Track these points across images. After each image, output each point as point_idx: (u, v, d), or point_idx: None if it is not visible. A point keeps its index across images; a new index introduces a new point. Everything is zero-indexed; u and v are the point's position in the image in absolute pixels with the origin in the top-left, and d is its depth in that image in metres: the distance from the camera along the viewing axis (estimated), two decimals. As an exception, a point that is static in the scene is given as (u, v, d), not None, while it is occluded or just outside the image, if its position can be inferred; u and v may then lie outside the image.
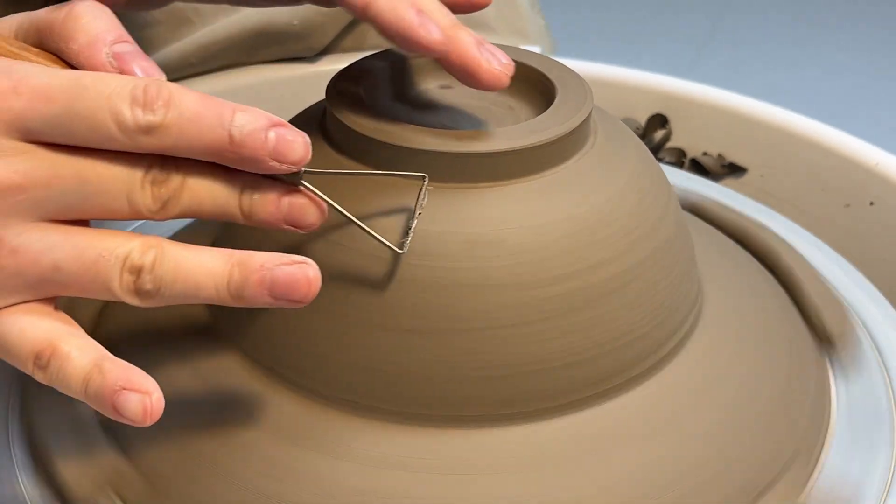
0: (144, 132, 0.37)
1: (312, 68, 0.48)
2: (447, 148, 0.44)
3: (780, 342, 0.52)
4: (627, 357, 0.46)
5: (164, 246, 0.38)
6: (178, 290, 0.38)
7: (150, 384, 0.38)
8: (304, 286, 0.38)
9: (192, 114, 0.37)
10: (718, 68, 2.25)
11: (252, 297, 0.38)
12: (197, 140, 0.38)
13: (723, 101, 0.76)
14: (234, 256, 0.38)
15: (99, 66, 0.40)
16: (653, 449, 0.45)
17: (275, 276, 0.38)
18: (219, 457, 0.45)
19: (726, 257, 0.58)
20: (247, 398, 0.46)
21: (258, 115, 0.38)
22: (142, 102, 0.37)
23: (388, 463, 0.44)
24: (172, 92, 0.38)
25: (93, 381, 0.38)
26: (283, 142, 0.38)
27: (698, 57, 2.33)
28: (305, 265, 0.38)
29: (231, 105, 0.38)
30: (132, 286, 0.38)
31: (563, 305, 0.44)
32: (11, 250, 0.38)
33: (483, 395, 0.44)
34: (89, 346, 0.39)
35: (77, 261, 0.38)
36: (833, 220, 0.70)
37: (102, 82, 0.38)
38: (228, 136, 0.37)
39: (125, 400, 0.38)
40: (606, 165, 0.48)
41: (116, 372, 0.38)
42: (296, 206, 0.40)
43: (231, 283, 0.38)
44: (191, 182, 0.39)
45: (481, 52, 0.44)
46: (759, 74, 2.23)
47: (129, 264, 0.38)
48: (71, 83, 0.38)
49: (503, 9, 0.84)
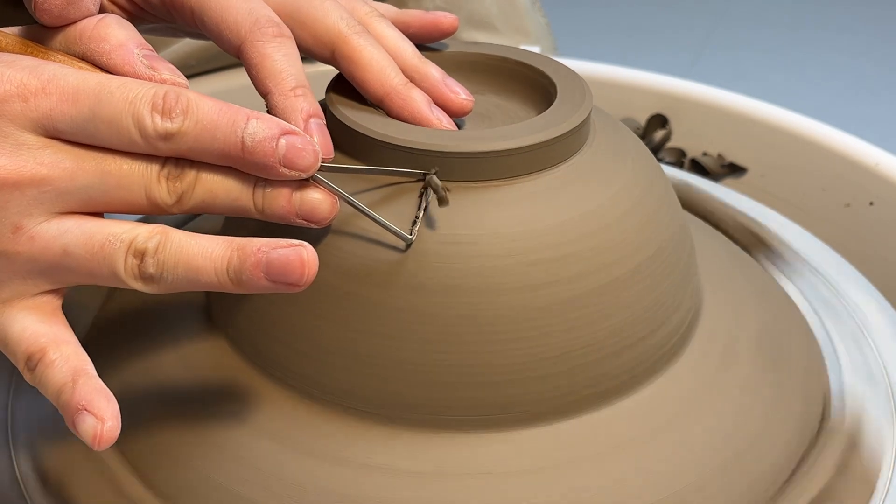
0: (163, 139, 0.39)
1: (312, 68, 0.48)
2: (447, 147, 0.44)
3: (780, 342, 0.52)
4: (627, 359, 0.46)
5: (169, 232, 0.40)
6: (181, 274, 0.40)
7: (109, 412, 0.39)
8: (299, 267, 0.39)
9: (208, 122, 0.39)
10: (718, 68, 2.25)
11: (249, 280, 0.39)
12: (210, 146, 0.40)
13: (723, 101, 0.76)
14: (235, 242, 0.40)
15: (131, 62, 0.42)
16: (652, 451, 0.45)
17: (270, 258, 0.39)
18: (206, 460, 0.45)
19: (726, 257, 0.58)
20: (240, 399, 0.46)
21: (271, 123, 0.40)
22: (161, 109, 0.39)
23: (382, 466, 0.44)
24: (191, 100, 0.40)
25: (64, 394, 0.40)
26: (292, 150, 0.40)
27: (698, 57, 2.33)
28: (301, 247, 0.39)
29: (246, 113, 0.40)
30: (136, 270, 0.40)
31: (562, 308, 0.44)
32: (30, 237, 0.40)
33: (483, 399, 0.44)
34: (74, 358, 0.41)
35: (85, 245, 0.40)
36: (833, 220, 0.70)
37: (127, 88, 0.40)
38: (241, 143, 0.39)
39: (81, 420, 0.39)
40: (606, 165, 0.48)
41: (84, 391, 0.40)
42: (307, 199, 0.41)
43: (230, 267, 0.39)
44: (205, 177, 0.41)
45: (432, 110, 0.47)
46: (758, 74, 2.23)
47: (133, 248, 0.39)
48: (98, 87, 0.39)
49: (504, 7, 0.84)
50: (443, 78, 0.48)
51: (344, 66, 0.47)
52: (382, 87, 0.47)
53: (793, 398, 0.50)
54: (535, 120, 0.47)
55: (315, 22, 0.47)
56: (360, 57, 0.47)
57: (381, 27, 0.50)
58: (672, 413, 0.46)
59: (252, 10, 0.45)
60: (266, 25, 0.44)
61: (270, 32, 0.44)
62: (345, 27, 0.47)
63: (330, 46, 0.47)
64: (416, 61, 0.49)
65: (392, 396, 0.44)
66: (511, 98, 0.50)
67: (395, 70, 0.47)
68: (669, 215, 0.49)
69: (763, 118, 0.74)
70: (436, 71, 0.49)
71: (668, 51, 2.33)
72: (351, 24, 0.47)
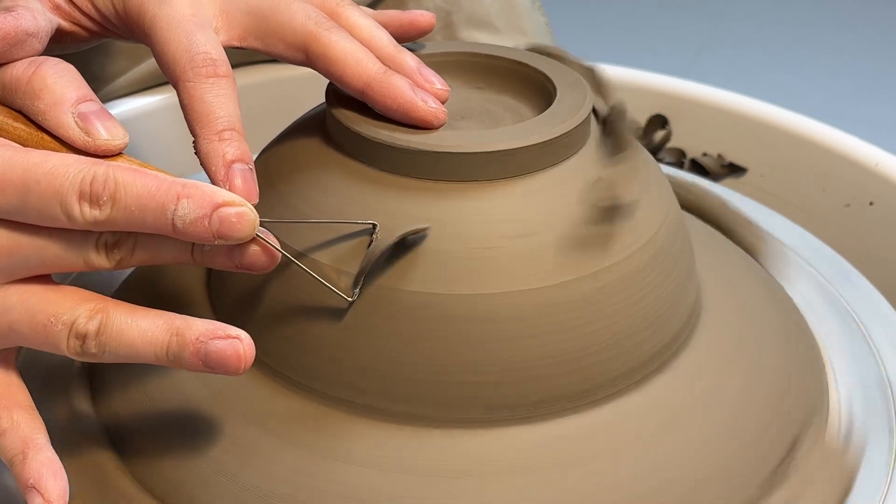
0: (93, 225, 0.39)
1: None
2: (446, 147, 0.44)
3: (780, 342, 0.52)
4: (627, 359, 0.46)
5: (109, 312, 0.40)
6: (122, 354, 0.40)
7: (56, 492, 0.40)
8: (235, 361, 0.39)
9: (137, 207, 0.39)
10: (718, 68, 2.25)
11: (189, 365, 0.40)
12: (142, 227, 0.39)
13: (723, 101, 0.76)
14: (174, 325, 0.40)
15: (65, 126, 0.41)
16: (651, 452, 0.45)
17: (207, 350, 0.39)
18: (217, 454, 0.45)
19: (726, 257, 0.58)
20: (247, 396, 0.46)
21: (202, 201, 0.39)
22: (89, 197, 0.39)
23: (385, 464, 0.44)
24: (118, 183, 0.39)
25: (14, 466, 0.41)
26: (226, 224, 0.39)
27: (698, 57, 2.33)
28: (237, 341, 0.40)
29: (177, 191, 0.39)
30: (79, 349, 0.40)
31: (561, 308, 0.44)
32: None
33: (481, 398, 0.44)
34: (25, 426, 0.42)
35: (29, 324, 0.40)
36: (833, 220, 0.70)
37: (53, 176, 0.39)
38: (171, 225, 0.39)
39: (31, 499, 0.40)
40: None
41: (33, 467, 0.41)
42: (247, 254, 0.41)
43: (169, 352, 0.40)
44: (143, 242, 0.41)
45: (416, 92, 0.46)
46: (758, 75, 2.23)
47: (74, 331, 0.40)
48: (25, 175, 0.39)
49: (504, 6, 0.84)
50: (418, 67, 0.47)
51: (320, 66, 0.46)
52: (361, 79, 0.45)
53: (792, 398, 0.50)
54: (535, 120, 0.47)
55: (282, 27, 0.46)
56: (334, 52, 0.46)
57: (353, 16, 0.49)
58: (672, 413, 0.46)
59: (190, 46, 0.44)
60: (201, 64, 0.43)
61: (204, 72, 0.43)
62: (313, 26, 0.46)
63: (302, 48, 0.46)
64: (392, 49, 0.48)
65: (390, 393, 0.44)
66: (511, 98, 0.50)
67: (371, 59, 0.46)
68: (669, 216, 0.49)
69: (763, 118, 0.74)
70: (411, 60, 0.48)
71: (668, 51, 2.34)
72: (319, 20, 0.46)
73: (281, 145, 0.51)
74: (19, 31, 0.43)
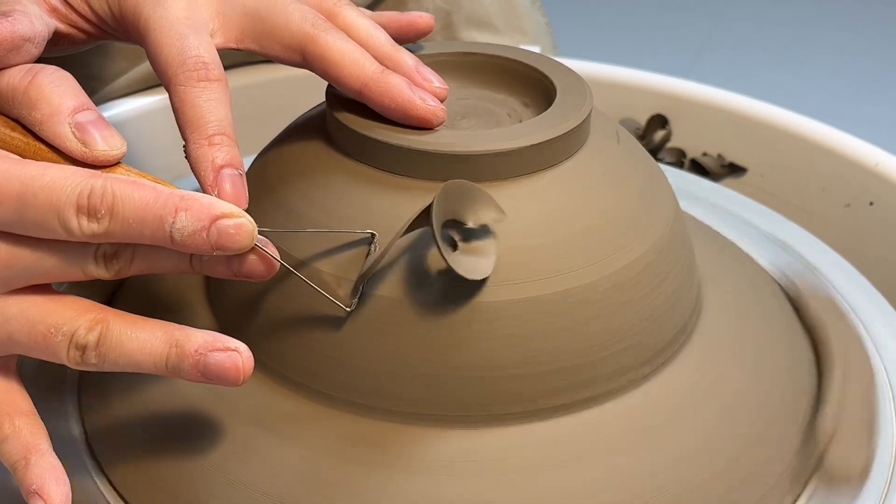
0: (91, 237, 0.39)
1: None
2: (447, 148, 0.44)
3: (780, 342, 0.52)
4: (626, 359, 0.46)
5: (110, 323, 0.40)
6: (122, 364, 0.40)
7: (59, 497, 0.40)
8: (234, 373, 0.40)
9: (135, 219, 0.39)
10: (718, 68, 2.26)
11: (187, 376, 0.40)
12: (140, 239, 0.39)
13: (723, 101, 0.76)
14: (174, 336, 0.40)
15: (62, 137, 0.41)
16: (651, 450, 0.45)
17: (206, 362, 0.39)
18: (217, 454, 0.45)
19: (726, 256, 0.58)
20: (247, 397, 0.46)
21: (200, 213, 0.39)
22: (86, 211, 0.38)
23: (388, 462, 0.44)
24: (116, 196, 0.38)
25: (17, 472, 0.41)
26: (224, 236, 0.39)
27: (698, 57, 2.33)
28: (236, 353, 0.40)
29: (175, 204, 0.39)
30: (79, 359, 0.40)
31: (562, 308, 0.44)
32: None
33: (481, 398, 0.44)
34: (27, 432, 0.42)
35: (29, 335, 0.40)
36: (833, 220, 0.70)
37: (51, 189, 0.39)
38: (170, 237, 0.39)
39: (32, 503, 0.40)
40: (605, 166, 0.48)
41: (36, 472, 0.41)
42: (245, 263, 0.41)
43: (168, 363, 0.40)
44: (142, 252, 0.41)
45: (413, 91, 0.45)
46: (759, 75, 2.23)
47: (74, 342, 0.40)
48: (22, 188, 0.39)
49: (504, 7, 0.84)
50: (416, 66, 0.47)
51: (317, 67, 0.46)
52: (358, 79, 0.45)
53: (792, 398, 0.50)
54: (535, 120, 0.47)
55: (278, 29, 0.46)
56: (331, 53, 0.45)
57: (350, 16, 0.48)
58: (671, 413, 0.46)
59: (183, 50, 0.43)
60: (192, 68, 0.43)
61: (195, 76, 0.43)
62: (309, 27, 0.46)
63: (299, 50, 0.46)
64: (390, 49, 0.47)
65: (391, 393, 0.44)
66: (511, 98, 0.50)
67: (368, 59, 0.46)
68: (669, 216, 0.49)
69: (763, 118, 0.74)
70: (409, 59, 0.47)
71: (668, 51, 2.34)
72: (316, 22, 0.46)
73: (280, 147, 0.50)
74: (16, 37, 0.42)
